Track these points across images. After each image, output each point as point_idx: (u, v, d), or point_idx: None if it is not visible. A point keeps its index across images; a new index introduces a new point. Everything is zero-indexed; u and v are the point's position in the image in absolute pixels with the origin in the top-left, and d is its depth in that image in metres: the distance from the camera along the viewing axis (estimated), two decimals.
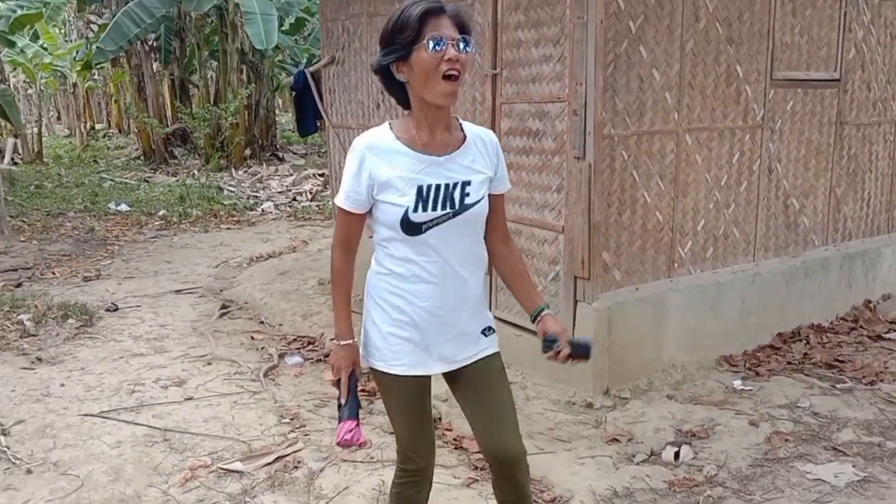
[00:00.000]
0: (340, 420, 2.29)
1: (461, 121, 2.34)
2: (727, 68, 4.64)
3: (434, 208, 2.21)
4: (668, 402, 4.28)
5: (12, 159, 16.76)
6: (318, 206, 11.81)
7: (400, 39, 2.13)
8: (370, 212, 2.28)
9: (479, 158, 2.31)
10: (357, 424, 2.28)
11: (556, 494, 3.36)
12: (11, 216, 9.81)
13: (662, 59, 4.33)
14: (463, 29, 2.17)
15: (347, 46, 6.20)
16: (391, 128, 2.26)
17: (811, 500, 3.27)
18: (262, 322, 6.00)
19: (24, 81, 24.48)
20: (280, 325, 5.89)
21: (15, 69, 21.24)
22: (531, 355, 4.62)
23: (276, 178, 14.58)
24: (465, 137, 2.29)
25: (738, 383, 4.50)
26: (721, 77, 4.62)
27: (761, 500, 3.29)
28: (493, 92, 4.73)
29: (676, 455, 3.65)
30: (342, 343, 2.30)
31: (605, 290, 4.32)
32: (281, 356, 5.13)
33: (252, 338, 5.58)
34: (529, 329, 4.68)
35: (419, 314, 2.28)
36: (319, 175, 14.10)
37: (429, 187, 2.21)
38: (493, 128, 4.75)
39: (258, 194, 12.91)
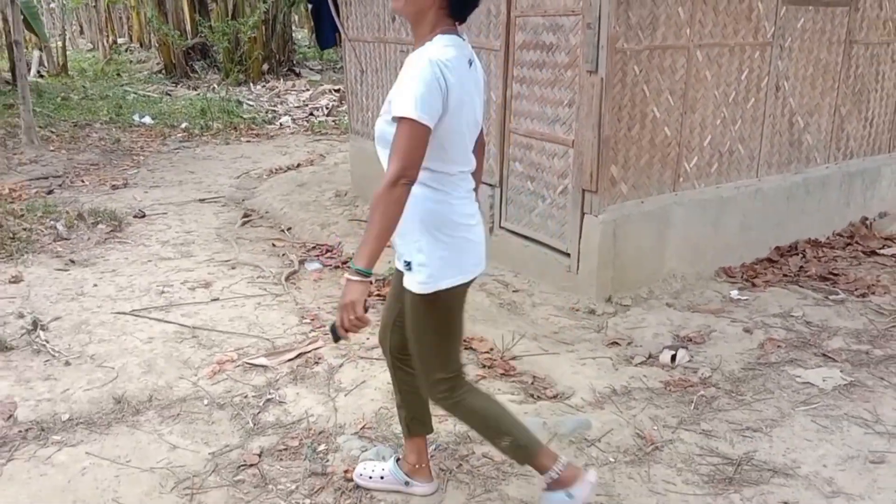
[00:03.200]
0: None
1: (430, 40, 2.16)
2: None
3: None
4: (667, 309, 4.32)
5: (38, 72, 16.55)
6: (334, 121, 11.68)
7: None
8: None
9: (401, 77, 2.14)
10: None
11: (558, 391, 3.45)
12: (40, 127, 9.76)
13: None
14: None
15: None
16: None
17: (799, 402, 3.34)
18: (282, 230, 6.04)
19: None
20: (300, 233, 5.93)
21: None
22: (538, 264, 4.66)
23: (293, 92, 14.39)
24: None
25: (734, 293, 4.54)
26: None
27: (752, 400, 3.36)
28: (507, 4, 4.59)
29: (673, 358, 3.72)
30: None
31: (611, 203, 4.31)
32: (301, 262, 5.19)
33: (273, 245, 5.63)
34: (536, 240, 4.70)
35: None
36: (335, 90, 13.90)
37: None
38: (507, 41, 4.65)
39: (276, 108, 12.77)
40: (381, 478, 2.72)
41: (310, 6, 7.35)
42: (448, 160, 2.18)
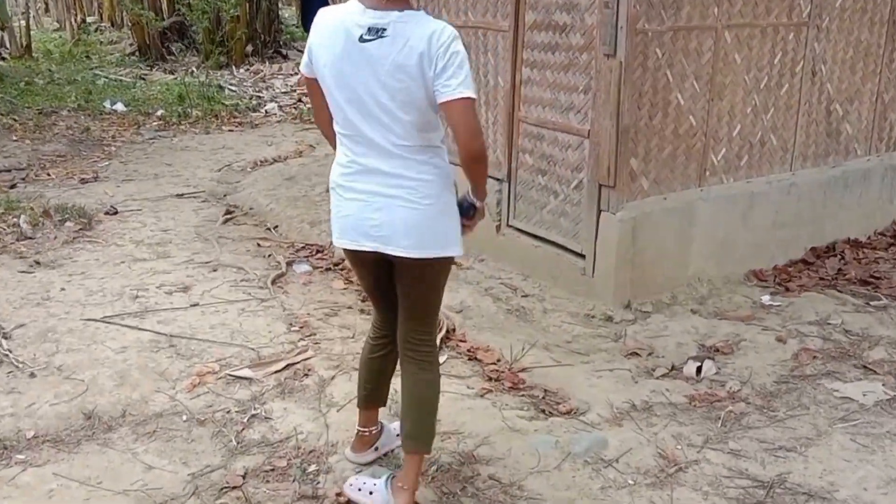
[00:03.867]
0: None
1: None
2: None
3: None
4: (692, 316, 4.33)
5: None
6: None
7: None
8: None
9: None
10: None
11: (572, 406, 3.46)
12: (2, 114, 9.80)
13: None
14: None
15: None
16: None
17: (837, 418, 3.35)
18: (268, 228, 6.05)
19: None
20: (287, 231, 5.94)
21: None
22: (549, 267, 4.68)
23: (279, 76, 14.41)
24: None
25: (766, 298, 4.55)
26: None
27: (785, 416, 3.37)
28: None
29: (698, 370, 3.73)
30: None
31: (631, 199, 4.32)
32: (289, 264, 5.20)
33: (258, 244, 5.65)
34: (548, 240, 4.71)
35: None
36: None
37: None
38: (516, 22, 4.67)
39: (261, 94, 12.79)
40: (370, 493, 2.76)
41: None
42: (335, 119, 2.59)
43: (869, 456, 3.08)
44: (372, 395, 2.97)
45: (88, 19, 24.90)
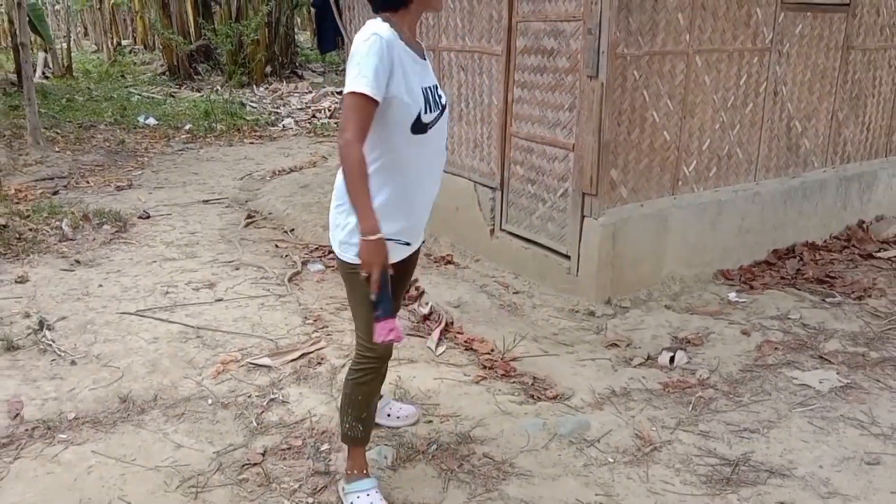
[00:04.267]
0: (377, 320, 2.19)
1: None
2: None
3: (433, 109, 2.29)
4: (665, 311, 4.34)
5: (43, 73, 16.57)
6: (336, 123, 11.70)
7: None
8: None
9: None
10: (395, 323, 2.22)
11: (558, 392, 3.46)
12: (45, 128, 9.78)
13: None
14: None
15: None
16: (392, 26, 2.23)
17: (796, 403, 3.35)
18: (285, 231, 6.05)
19: None
20: (302, 234, 5.94)
21: None
22: (538, 267, 4.68)
23: (295, 95, 14.40)
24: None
25: (732, 295, 4.55)
26: None
27: (749, 401, 3.38)
28: (509, 10, 4.61)
29: (671, 360, 3.73)
30: (372, 238, 2.12)
31: (611, 206, 4.32)
32: (304, 263, 5.20)
33: (276, 246, 5.65)
34: (537, 242, 4.72)
35: (412, 202, 2.39)
36: (338, 93, 13.91)
37: (427, 89, 2.27)
38: (508, 46, 4.67)
39: (279, 110, 12.78)
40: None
41: (313, 10, 7.37)
42: None
43: (824, 437, 3.09)
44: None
45: (123, 42, 24.92)
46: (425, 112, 2.25)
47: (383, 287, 2.17)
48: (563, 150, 4.44)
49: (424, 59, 2.35)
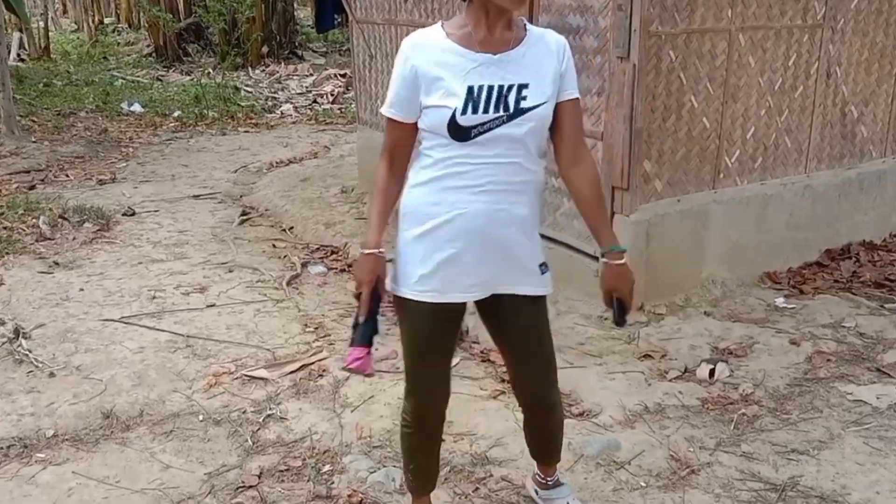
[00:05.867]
0: (352, 343, 2.22)
1: (525, 21, 2.25)
2: None
3: (486, 111, 2.10)
4: (705, 318, 4.33)
5: (18, 55, 16.74)
6: (340, 109, 11.76)
7: None
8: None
9: (543, 59, 2.17)
10: (368, 353, 2.21)
11: (584, 408, 3.47)
12: (21, 116, 9.90)
13: None
14: None
15: None
16: (443, 26, 2.18)
17: (850, 421, 3.34)
18: (283, 230, 6.10)
19: None
20: (302, 233, 5.99)
21: None
22: (562, 268, 4.67)
23: (295, 77, 14.48)
24: (526, 36, 2.18)
25: (780, 301, 4.54)
26: None
27: (798, 419, 3.37)
28: None
29: (711, 373, 3.73)
30: (366, 252, 2.19)
31: (644, 201, 4.32)
32: (304, 265, 5.24)
33: (274, 246, 5.69)
34: (561, 242, 4.72)
35: (458, 224, 2.17)
36: (341, 75, 13.97)
37: (480, 88, 2.09)
38: (530, 23, 4.66)
39: (277, 95, 12.87)
40: None
41: None
42: None
43: (882, 459, 3.08)
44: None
45: (106, 20, 25.09)
46: (462, 112, 2.09)
47: (372, 309, 2.22)
48: (590, 139, 4.44)
49: (497, 54, 2.13)
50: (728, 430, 3.30)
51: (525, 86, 2.13)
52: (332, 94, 12.73)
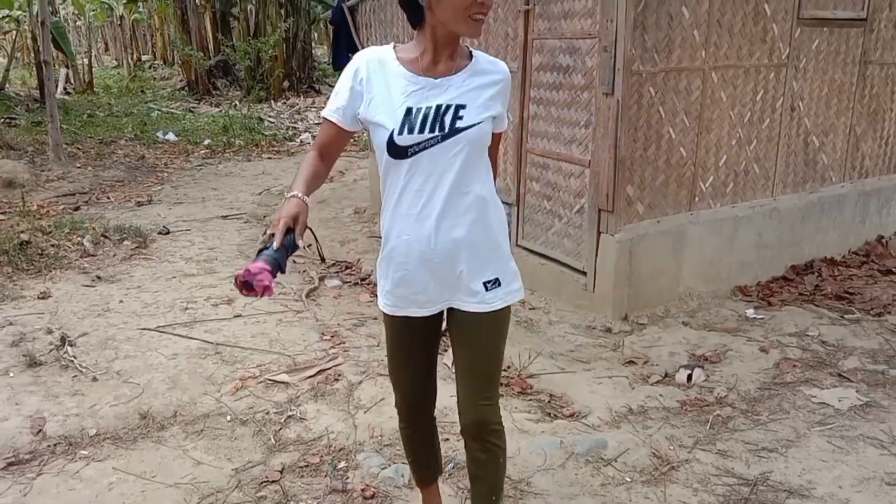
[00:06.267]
0: (255, 260, 1.85)
1: (473, 50, 2.12)
2: (755, 6, 4.50)
3: (421, 131, 1.98)
4: (683, 328, 4.32)
5: (65, 89, 16.83)
6: (352, 138, 11.76)
7: None
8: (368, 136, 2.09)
9: (482, 84, 2.06)
10: (270, 271, 1.83)
11: (575, 410, 3.46)
12: (67, 143, 9.93)
13: None
14: None
15: None
16: (394, 48, 2.08)
17: (815, 422, 3.33)
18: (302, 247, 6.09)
19: (74, 13, 24.38)
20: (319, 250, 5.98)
21: (64, 1, 21.12)
22: (554, 283, 4.68)
23: (312, 109, 14.53)
24: (471, 63, 2.07)
25: (750, 312, 4.53)
26: (749, 15, 4.49)
27: (767, 420, 3.36)
28: (525, 27, 4.65)
29: (689, 377, 3.72)
30: (288, 195, 2.00)
31: (627, 222, 4.32)
32: (321, 279, 5.24)
33: (294, 261, 5.69)
34: (553, 258, 4.73)
35: (404, 249, 2.09)
36: None
37: (418, 110, 1.99)
38: (524, 63, 4.70)
39: (296, 125, 12.91)
40: None
41: (331, 26, 7.46)
42: None
43: (844, 457, 3.06)
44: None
45: (143, 58, 25.24)
46: (399, 132, 1.99)
47: (284, 244, 1.90)
48: (579, 166, 4.46)
49: (438, 78, 2.02)
50: (704, 429, 3.28)
51: (462, 106, 2.02)
52: None
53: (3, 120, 11.88)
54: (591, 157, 4.35)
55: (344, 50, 7.10)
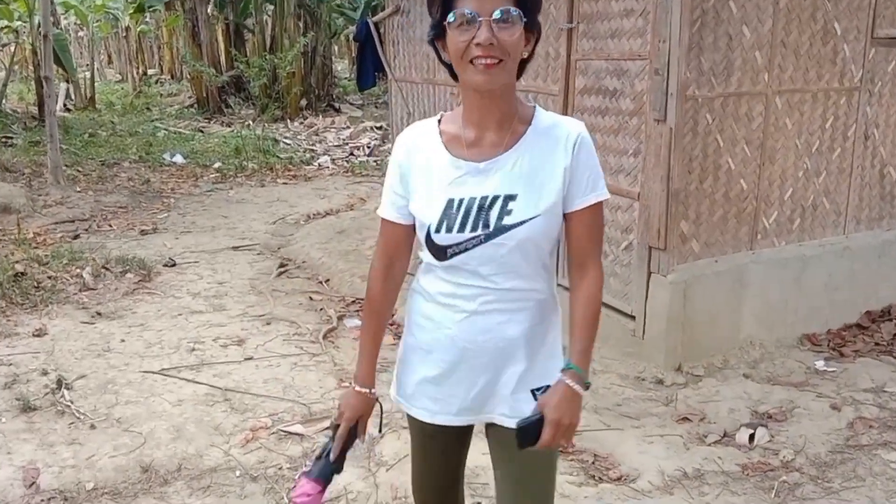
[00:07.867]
0: (308, 474, 1.96)
1: (538, 108, 1.91)
2: (824, 25, 4.52)
3: (461, 229, 1.81)
4: (744, 381, 4.28)
5: (65, 105, 17.25)
6: (375, 161, 11.91)
7: (432, 13, 1.79)
8: None
9: (544, 160, 1.83)
10: (320, 492, 1.94)
11: (622, 472, 3.43)
12: (67, 165, 10.16)
13: (753, 16, 4.24)
14: None
15: None
16: (439, 122, 1.92)
17: (894, 491, 3.27)
18: (320, 282, 6.16)
19: (76, 24, 25.07)
20: (338, 285, 6.04)
21: (66, 11, 21.76)
22: (599, 327, 4.66)
23: (332, 130, 14.74)
24: (527, 131, 1.85)
25: (820, 364, 4.48)
26: (817, 35, 4.51)
27: (840, 488, 3.30)
28: (568, 47, 4.70)
29: (751, 437, 3.68)
30: (357, 388, 1.99)
31: (681, 261, 4.32)
32: (340, 318, 5.29)
33: (311, 298, 5.75)
34: None
35: (444, 345, 1.93)
36: (377, 128, 14.19)
37: (461, 202, 1.81)
38: (566, 86, 4.75)
39: (314, 147, 13.09)
40: None
41: (355, 43, 7.61)
42: None
43: None
44: None
45: (149, 72, 25.83)
46: (437, 230, 1.83)
47: (344, 447, 2.00)
48: (627, 199, 4.47)
49: (483, 162, 1.83)
50: (769, 497, 3.24)
51: (512, 197, 1.80)
52: (368, 147, 12.92)
53: None
54: (640, 190, 4.37)
55: (370, 69, 7.23)
